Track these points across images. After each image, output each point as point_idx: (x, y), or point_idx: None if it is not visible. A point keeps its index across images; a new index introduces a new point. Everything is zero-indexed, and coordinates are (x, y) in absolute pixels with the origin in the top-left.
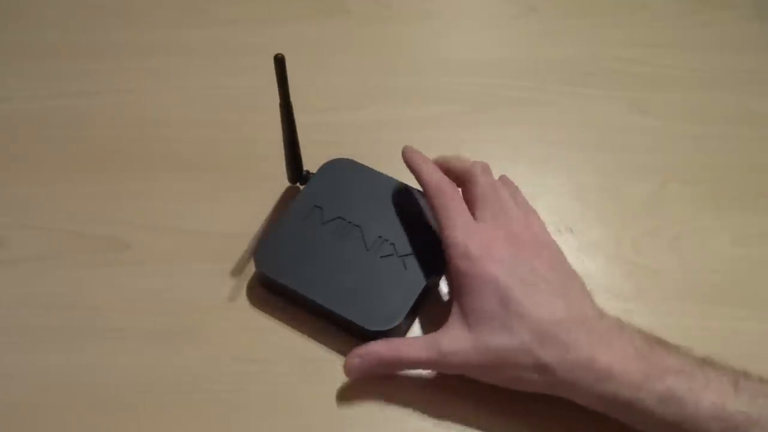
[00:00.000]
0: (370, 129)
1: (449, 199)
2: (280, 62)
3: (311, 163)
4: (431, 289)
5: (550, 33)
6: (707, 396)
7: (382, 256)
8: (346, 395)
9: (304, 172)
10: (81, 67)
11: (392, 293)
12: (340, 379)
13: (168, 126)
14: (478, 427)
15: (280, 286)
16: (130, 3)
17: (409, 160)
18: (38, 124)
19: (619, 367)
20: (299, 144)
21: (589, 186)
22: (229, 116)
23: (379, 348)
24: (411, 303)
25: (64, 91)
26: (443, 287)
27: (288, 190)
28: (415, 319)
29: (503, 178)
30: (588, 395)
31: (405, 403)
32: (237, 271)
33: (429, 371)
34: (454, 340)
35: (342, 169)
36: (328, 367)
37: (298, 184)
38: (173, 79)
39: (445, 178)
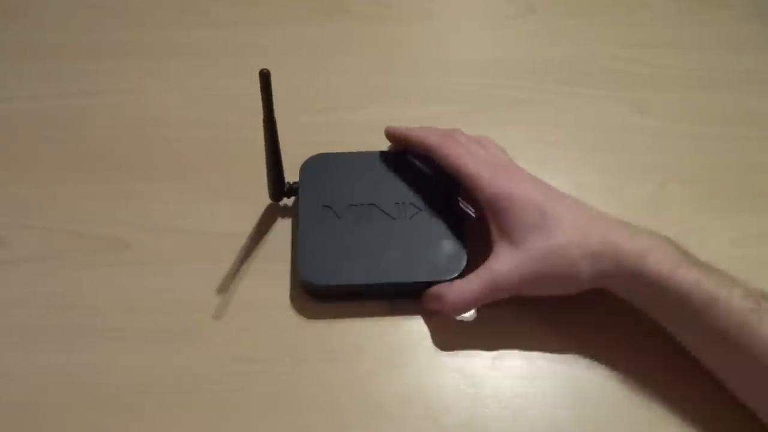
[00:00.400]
0: (370, 129)
1: (453, 141)
2: (265, 77)
3: None
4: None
5: (549, 33)
6: (739, 284)
7: (410, 218)
8: (345, 395)
9: (286, 185)
10: (81, 67)
11: (442, 241)
12: (341, 379)
13: (168, 126)
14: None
15: (340, 289)
16: (130, 3)
17: (400, 133)
18: (38, 124)
19: (658, 246)
20: (282, 161)
21: (588, 186)
22: (229, 117)
23: (441, 290)
24: (464, 241)
25: (64, 91)
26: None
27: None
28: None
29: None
30: (629, 273)
31: (404, 402)
32: (237, 271)
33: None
34: (505, 262)
35: (322, 165)
36: (329, 367)
37: (282, 202)
38: (173, 80)
39: (439, 131)
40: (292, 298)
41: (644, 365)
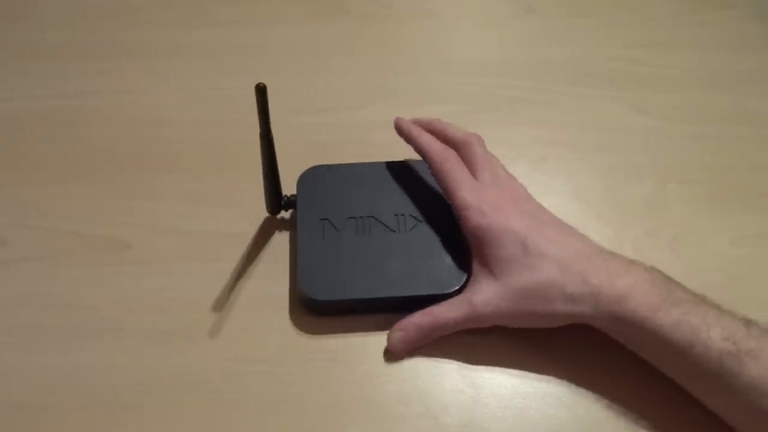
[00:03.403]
0: (370, 129)
1: (453, 164)
2: (261, 92)
3: (313, 163)
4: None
5: (550, 33)
6: (720, 324)
7: (410, 230)
8: (346, 395)
9: (284, 198)
10: (80, 68)
11: (442, 253)
12: (341, 380)
13: (168, 126)
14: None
15: (341, 304)
16: (129, 3)
17: (406, 131)
18: (38, 124)
19: (639, 287)
20: (279, 176)
21: (589, 186)
22: (230, 117)
23: (415, 318)
24: (466, 253)
25: (63, 92)
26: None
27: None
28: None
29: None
30: (607, 316)
31: (403, 402)
32: (237, 271)
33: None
34: (485, 292)
35: (320, 177)
36: (329, 367)
37: (279, 215)
38: (173, 80)
39: (445, 146)
40: (292, 298)
41: (645, 366)
